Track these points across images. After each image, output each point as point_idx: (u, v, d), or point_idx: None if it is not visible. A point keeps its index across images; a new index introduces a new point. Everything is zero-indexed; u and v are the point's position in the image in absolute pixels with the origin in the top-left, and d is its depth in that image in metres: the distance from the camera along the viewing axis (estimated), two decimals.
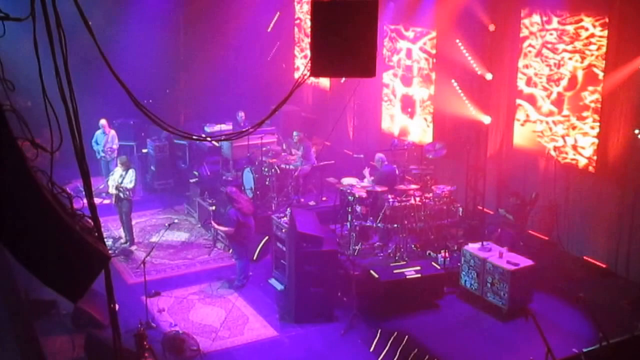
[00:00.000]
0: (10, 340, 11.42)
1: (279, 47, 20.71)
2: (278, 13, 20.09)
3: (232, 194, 12.63)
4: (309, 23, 6.82)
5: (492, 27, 13.77)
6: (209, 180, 16.07)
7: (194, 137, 7.26)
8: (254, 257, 13.55)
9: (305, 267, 11.36)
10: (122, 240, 14.67)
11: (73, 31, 4.99)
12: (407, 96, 16.63)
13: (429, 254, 13.13)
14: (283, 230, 12.46)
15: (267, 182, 15.05)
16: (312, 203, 15.11)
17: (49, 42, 4.82)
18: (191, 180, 16.48)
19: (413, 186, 13.52)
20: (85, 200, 5.37)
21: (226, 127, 16.93)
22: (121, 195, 14.13)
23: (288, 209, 13.08)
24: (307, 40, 19.17)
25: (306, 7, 19.75)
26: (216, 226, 13.12)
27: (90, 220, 5.27)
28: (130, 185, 14.14)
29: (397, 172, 13.93)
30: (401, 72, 16.77)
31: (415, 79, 16.36)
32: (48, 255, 4.82)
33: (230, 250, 13.92)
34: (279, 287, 12.43)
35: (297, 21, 20.62)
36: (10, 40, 4.72)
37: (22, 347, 11.19)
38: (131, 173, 14.21)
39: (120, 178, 14.12)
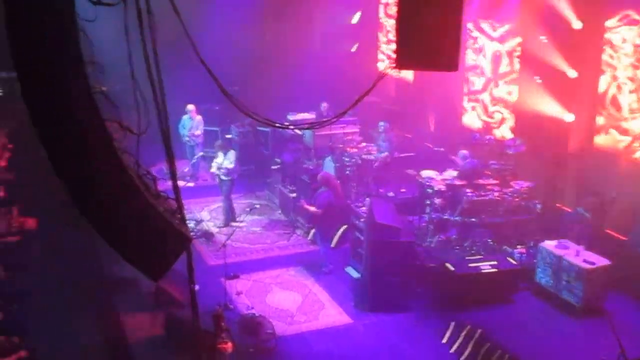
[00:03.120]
0: (90, 313, 11.88)
1: (363, 39, 20.66)
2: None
3: (327, 177, 12.89)
4: (388, 21, 6.77)
5: (578, 25, 13.40)
6: (290, 168, 16.22)
7: (277, 124, 7.31)
8: (334, 244, 13.64)
9: (381, 256, 11.37)
10: (205, 222, 15.06)
11: (162, 17, 5.12)
12: (489, 90, 16.34)
13: (505, 249, 12.93)
14: (361, 220, 12.48)
15: (347, 172, 15.08)
16: (390, 194, 15.07)
17: (139, 27, 4.97)
18: (273, 167, 16.68)
19: (492, 181, 13.35)
20: (169, 183, 5.53)
21: (309, 116, 17.02)
22: (222, 176, 14.64)
23: (367, 199, 13.10)
24: (389, 32, 19.11)
25: None
26: (305, 206, 13.21)
27: (173, 202, 5.43)
28: (230, 166, 14.65)
29: (478, 167, 13.75)
30: (483, 66, 16.47)
31: (498, 74, 16.04)
32: (131, 234, 4.99)
33: (309, 237, 14.06)
34: (355, 275, 12.48)
35: (382, 13, 20.51)
36: (101, 24, 4.88)
37: (101, 320, 11.63)
38: (231, 154, 14.79)
39: (221, 159, 14.62)
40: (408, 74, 19.15)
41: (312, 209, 12.91)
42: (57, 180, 4.72)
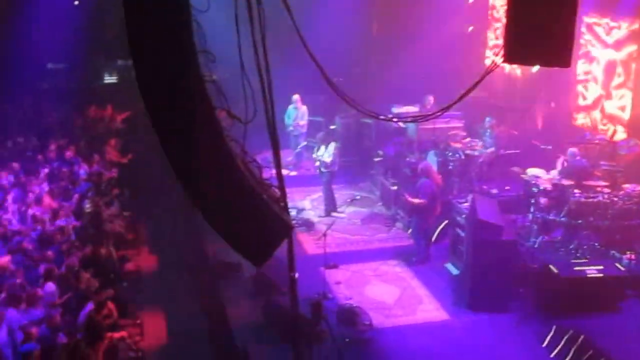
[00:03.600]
0: (196, 294, 12.27)
1: (472, 32, 20.30)
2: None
3: (428, 167, 12.85)
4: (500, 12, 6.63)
5: None
6: (392, 160, 16.18)
7: (381, 116, 7.34)
8: (433, 238, 13.53)
9: (482, 255, 11.19)
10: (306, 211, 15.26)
11: (271, 7, 5.21)
12: (603, 87, 15.72)
13: (613, 254, 12.42)
14: (462, 216, 12.32)
15: (450, 166, 14.90)
16: (494, 191, 14.77)
17: (248, 17, 5.08)
18: (375, 159, 16.69)
19: (602, 182, 12.84)
20: (273, 171, 5.64)
21: (413, 109, 16.90)
22: (322, 168, 14.84)
23: (470, 195, 12.92)
24: (500, 25, 18.66)
25: None
26: (409, 199, 13.15)
27: (277, 190, 5.53)
28: (328, 159, 14.82)
29: (587, 167, 13.28)
30: (598, 64, 15.85)
31: (613, 73, 15.40)
32: (236, 220, 5.12)
33: (409, 230, 13.99)
34: (455, 272, 12.33)
35: (492, 6, 20.07)
36: (212, 13, 5.01)
37: (205, 302, 11.98)
38: (331, 147, 14.92)
39: (322, 152, 14.83)
40: (516, 69, 18.69)
41: (416, 200, 12.84)
42: (167, 164, 4.90)
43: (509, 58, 5.63)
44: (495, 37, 19.83)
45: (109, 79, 24.26)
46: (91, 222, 12.77)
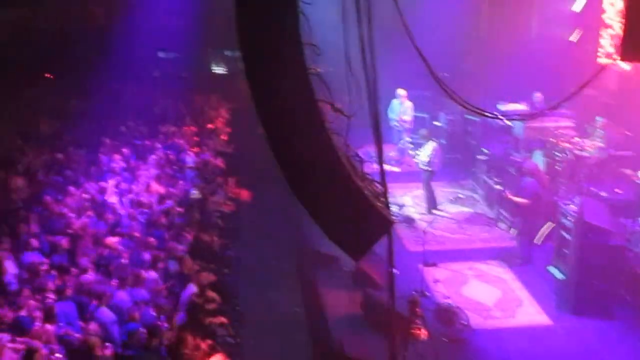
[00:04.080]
0: (295, 284, 12.42)
1: (585, 28, 19.58)
2: None
3: (533, 167, 12.60)
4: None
5: None
6: (497, 159, 15.84)
7: (487, 113, 7.18)
8: (538, 240, 13.17)
9: (589, 259, 10.81)
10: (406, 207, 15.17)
11: (379, 1, 5.19)
12: None
13: None
14: (568, 218, 11.93)
15: (557, 167, 14.46)
16: (603, 194, 14.21)
17: (355, 10, 5.07)
18: (479, 157, 16.39)
19: None
20: (375, 166, 5.62)
21: (520, 106, 16.49)
22: (421, 165, 14.77)
23: (577, 197, 12.50)
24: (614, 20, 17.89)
25: None
26: (511, 197, 12.89)
27: (378, 185, 5.52)
28: (425, 159, 14.70)
29: None
30: None
31: None
32: (336, 213, 5.15)
33: (512, 231, 13.68)
34: (559, 275, 11.96)
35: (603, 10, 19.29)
36: (319, 6, 5.04)
37: (304, 292, 12.12)
38: (428, 146, 14.78)
39: (421, 149, 14.77)
40: (631, 67, 17.91)
41: (518, 199, 12.55)
42: (271, 155, 4.97)
43: (625, 56, 5.41)
44: (607, 36, 19.07)
45: (217, 69, 24.86)
46: (196, 208, 13.12)
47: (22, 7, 21.55)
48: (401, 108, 17.64)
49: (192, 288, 10.10)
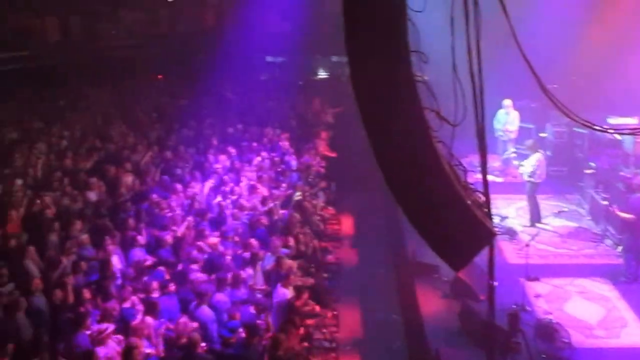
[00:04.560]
0: (392, 291, 12.39)
1: None
2: None
3: None
4: None
5: None
6: (605, 174, 15.30)
7: (596, 127, 6.94)
8: None
9: None
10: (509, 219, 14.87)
11: (487, 9, 5.12)
12: None
13: None
14: None
15: None
16: None
17: (464, 19, 5.02)
18: (586, 171, 15.87)
19: None
20: (479, 176, 5.53)
21: (632, 120, 15.87)
22: (524, 177, 14.50)
23: None
24: None
25: None
26: (618, 213, 12.44)
27: (481, 196, 5.43)
28: (529, 170, 14.39)
29: None
30: None
31: None
32: (438, 221, 5.10)
33: (619, 248, 13.18)
34: None
35: None
36: (427, 13, 5.02)
37: (401, 300, 12.07)
38: (533, 158, 14.45)
39: (525, 161, 14.53)
40: None
41: (626, 215, 12.08)
42: (374, 161, 4.98)
43: None
44: None
45: (323, 74, 25.13)
46: (297, 211, 13.28)
47: (138, 11, 22.52)
48: (507, 118, 17.31)
49: (290, 290, 10.23)
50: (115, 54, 22.11)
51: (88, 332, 8.73)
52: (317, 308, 10.53)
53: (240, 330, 9.16)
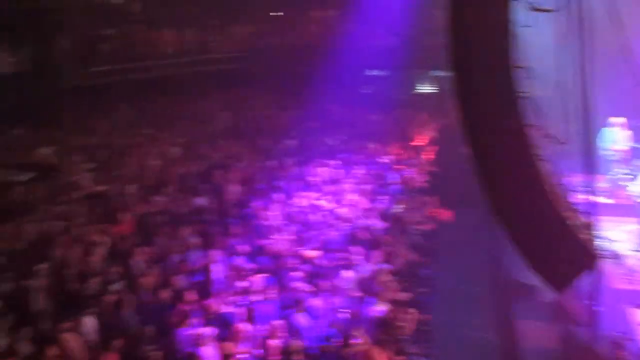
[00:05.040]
0: (489, 310, 12.15)
1: None
2: None
3: None
4: None
5: None
6: None
7: None
8: None
9: None
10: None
11: (600, 24, 5.01)
12: None
13: None
14: None
15: None
16: None
17: (577, 34, 4.93)
18: None
19: None
20: (584, 197, 5.41)
21: None
22: (636, 199, 14.02)
23: None
24: None
25: None
26: None
27: (585, 217, 5.30)
28: (638, 190, 13.89)
29: None
30: None
31: None
32: (539, 242, 5.01)
33: None
34: None
35: None
36: (535, 29, 4.96)
37: (498, 320, 11.82)
38: None
39: (635, 181, 14.04)
40: None
41: None
42: (474, 177, 4.95)
43: None
44: None
45: (424, 89, 24.99)
46: (396, 225, 13.24)
47: (247, 24, 23.14)
48: (617, 137, 16.70)
49: (385, 304, 10.19)
50: (224, 66, 22.79)
51: (190, 332, 9.05)
52: (411, 322, 10.45)
53: (336, 339, 9.21)
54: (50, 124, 19.17)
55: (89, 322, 9.31)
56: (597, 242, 5.43)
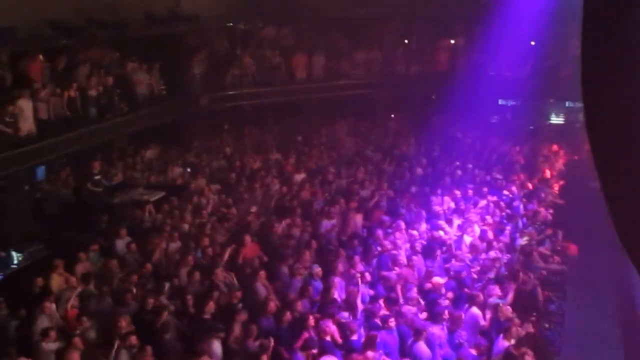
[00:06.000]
0: (618, 351, 11.58)
1: None
2: None
3: None
4: None
5: None
6: None
7: None
8: None
9: None
10: None
11: None
12: None
13: None
14: None
15: None
16: None
17: None
18: None
19: None
20: None
21: None
22: None
23: None
24: None
25: None
26: None
27: None
28: None
29: None
30: None
31: None
32: None
33: None
34: None
35: None
36: None
37: (627, 358, 11.26)
38: None
39: None
40: None
41: None
42: (604, 212, 4.80)
43: None
44: None
45: (556, 120, 24.37)
46: (522, 257, 12.97)
47: (375, 51, 23.42)
48: None
49: (511, 338, 9.94)
50: (353, 92, 23.14)
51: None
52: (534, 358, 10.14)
53: None
54: (181, 145, 20.02)
55: (216, 346, 9.51)
56: None
